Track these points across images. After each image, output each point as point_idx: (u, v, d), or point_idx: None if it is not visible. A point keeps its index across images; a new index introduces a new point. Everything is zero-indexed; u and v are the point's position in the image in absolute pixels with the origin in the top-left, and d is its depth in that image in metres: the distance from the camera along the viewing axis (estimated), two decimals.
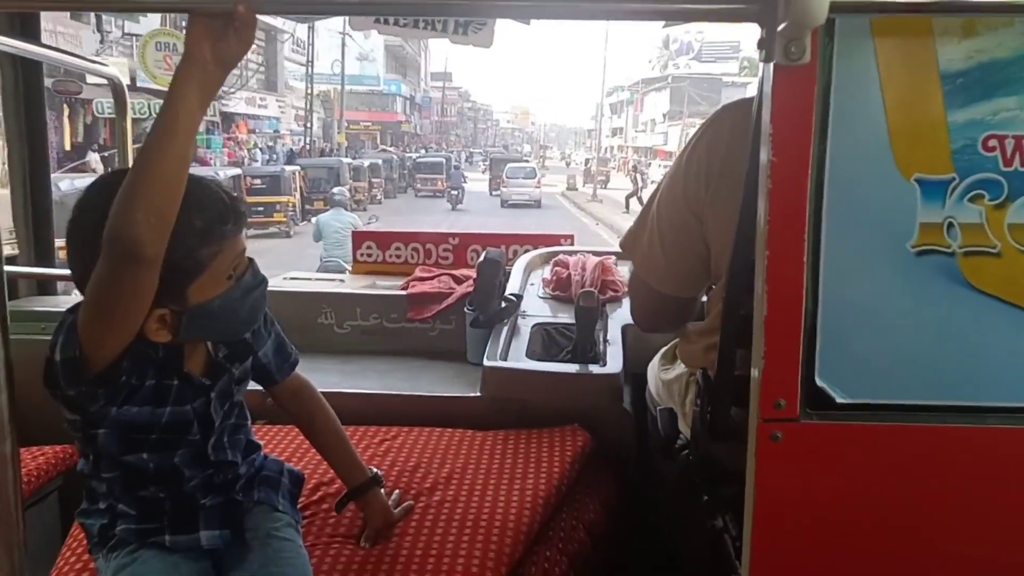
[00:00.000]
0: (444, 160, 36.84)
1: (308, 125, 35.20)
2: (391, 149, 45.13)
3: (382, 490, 1.75)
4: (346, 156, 33.48)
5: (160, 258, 1.19)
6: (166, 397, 1.38)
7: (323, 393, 1.72)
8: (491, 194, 34.44)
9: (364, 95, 53.67)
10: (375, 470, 1.74)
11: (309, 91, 34.52)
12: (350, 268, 3.78)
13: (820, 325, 1.13)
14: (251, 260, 1.42)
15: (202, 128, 15.62)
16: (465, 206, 29.57)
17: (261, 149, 31.23)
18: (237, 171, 19.73)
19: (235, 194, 1.40)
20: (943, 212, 1.11)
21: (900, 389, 1.16)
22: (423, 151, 54.03)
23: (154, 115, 1.23)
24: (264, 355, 1.59)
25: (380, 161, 32.61)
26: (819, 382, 1.14)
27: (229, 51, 1.15)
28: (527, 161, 41.12)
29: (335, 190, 12.22)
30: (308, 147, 33.69)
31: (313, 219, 12.27)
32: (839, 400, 1.15)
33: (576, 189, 41.99)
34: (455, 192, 29.69)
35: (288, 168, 22.43)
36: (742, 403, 1.21)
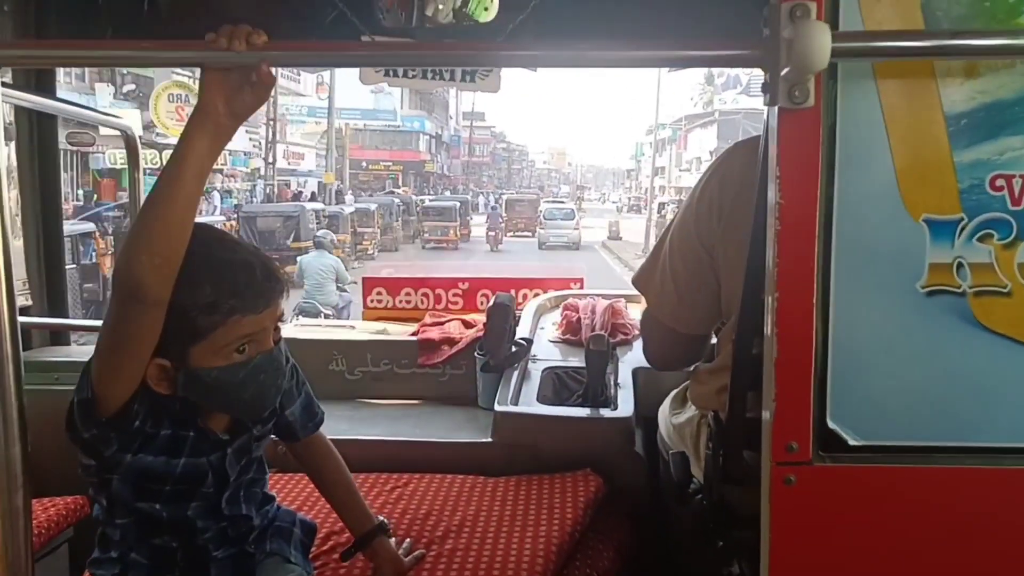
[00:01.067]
0: (457, 205, 30.20)
1: (270, 160, 28.85)
2: (401, 191, 41.04)
3: (392, 539, 1.73)
4: (351, 198, 31.02)
5: (164, 301, 1.20)
6: (181, 448, 1.37)
7: (334, 440, 1.71)
8: (491, 249, 28.86)
9: (385, 132, 51.42)
10: (381, 519, 1.71)
11: (271, 119, 28.18)
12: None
13: (831, 366, 1.12)
14: (275, 345, 1.37)
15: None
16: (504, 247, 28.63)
17: (221, 192, 26.04)
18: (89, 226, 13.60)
19: (274, 273, 1.36)
20: (952, 252, 1.11)
21: (914, 430, 1.14)
22: (447, 192, 52.26)
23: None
24: (291, 413, 1.58)
25: (374, 206, 26.21)
26: (831, 424, 1.13)
27: (243, 104, 1.17)
28: (563, 202, 39.26)
29: (319, 232, 12.38)
30: (274, 189, 28.48)
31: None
32: (852, 442, 1.14)
33: (620, 238, 33.73)
34: (492, 233, 29.32)
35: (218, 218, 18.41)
36: (754, 446, 1.20)
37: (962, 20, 1.10)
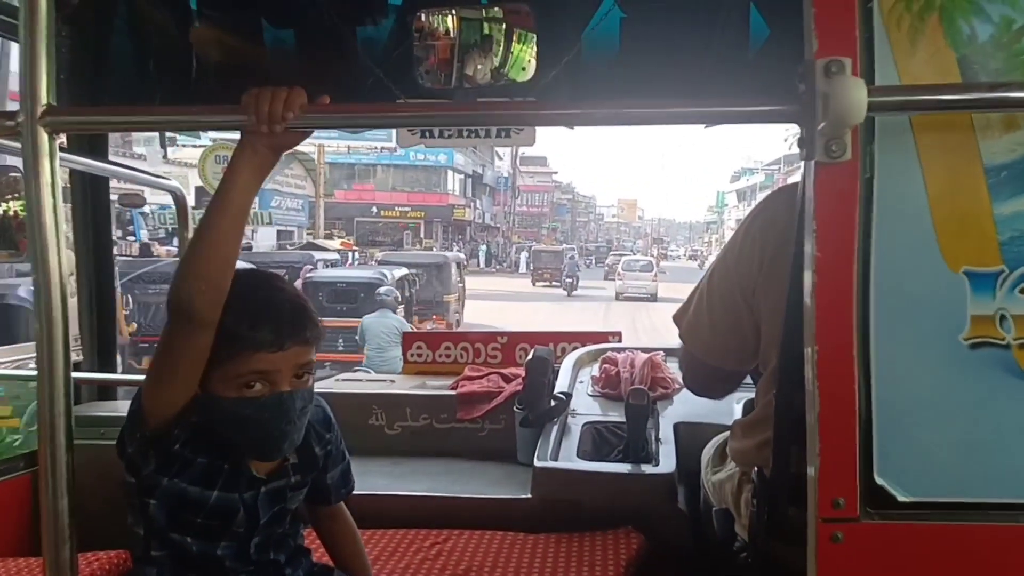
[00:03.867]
0: (444, 261, 18.36)
1: None
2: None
3: None
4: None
5: (212, 324, 1.28)
6: (215, 479, 1.40)
7: (373, 495, 1.72)
8: (568, 294, 30.43)
9: (402, 169, 41.48)
10: None
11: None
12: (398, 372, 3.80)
13: (876, 420, 1.11)
14: (289, 391, 1.37)
15: None
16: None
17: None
18: None
19: (304, 320, 1.39)
20: (994, 304, 1.09)
21: (965, 486, 1.12)
22: (483, 247, 46.79)
23: None
24: (331, 476, 1.60)
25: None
26: (878, 479, 1.11)
27: (285, 139, 1.25)
28: (641, 255, 42.22)
29: (381, 289, 10.86)
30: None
31: None
32: (901, 498, 1.11)
33: None
34: (570, 280, 32.23)
35: None
36: (799, 502, 1.18)
37: (999, 73, 1.10)
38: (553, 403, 2.66)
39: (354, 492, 1.69)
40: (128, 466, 1.41)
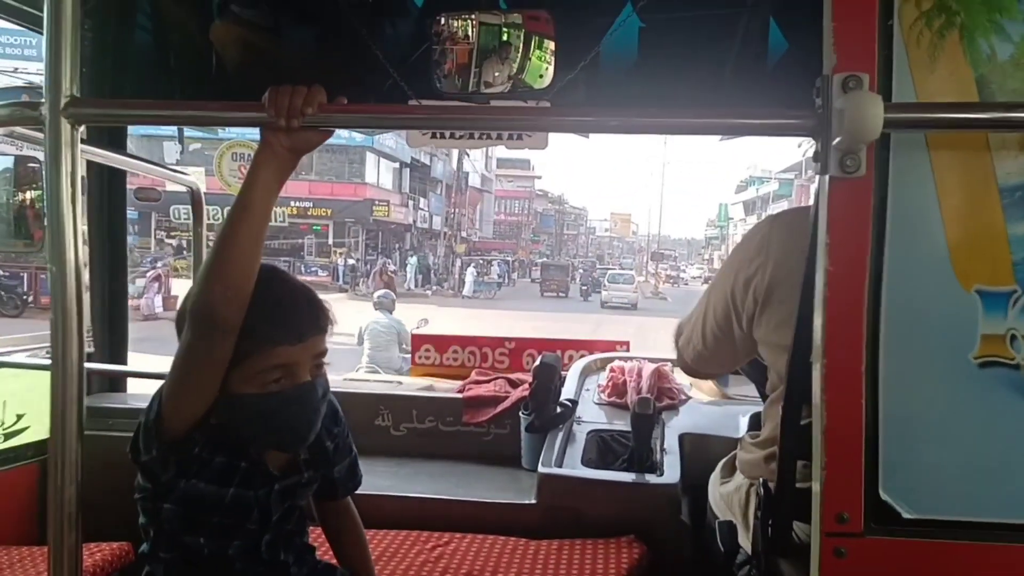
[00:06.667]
0: None
1: None
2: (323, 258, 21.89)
3: None
4: None
5: (236, 329, 1.26)
6: (232, 477, 1.40)
7: (377, 496, 1.72)
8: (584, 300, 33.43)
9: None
10: None
11: None
12: (401, 371, 3.83)
13: (882, 436, 1.10)
14: (310, 380, 1.39)
15: None
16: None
17: None
18: None
19: (317, 310, 1.40)
20: (1006, 323, 1.09)
21: (971, 505, 1.11)
22: (412, 260, 32.94)
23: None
24: (339, 470, 1.60)
25: None
26: (883, 495, 1.11)
27: (305, 141, 1.25)
28: (626, 270, 44.43)
29: (379, 293, 11.59)
30: None
31: None
32: (906, 515, 1.11)
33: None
34: (585, 287, 35.77)
35: None
36: (804, 517, 1.18)
37: (1017, 93, 1.10)
38: (559, 410, 2.66)
39: (358, 493, 1.70)
40: (145, 473, 1.39)
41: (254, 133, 1.29)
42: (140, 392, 2.91)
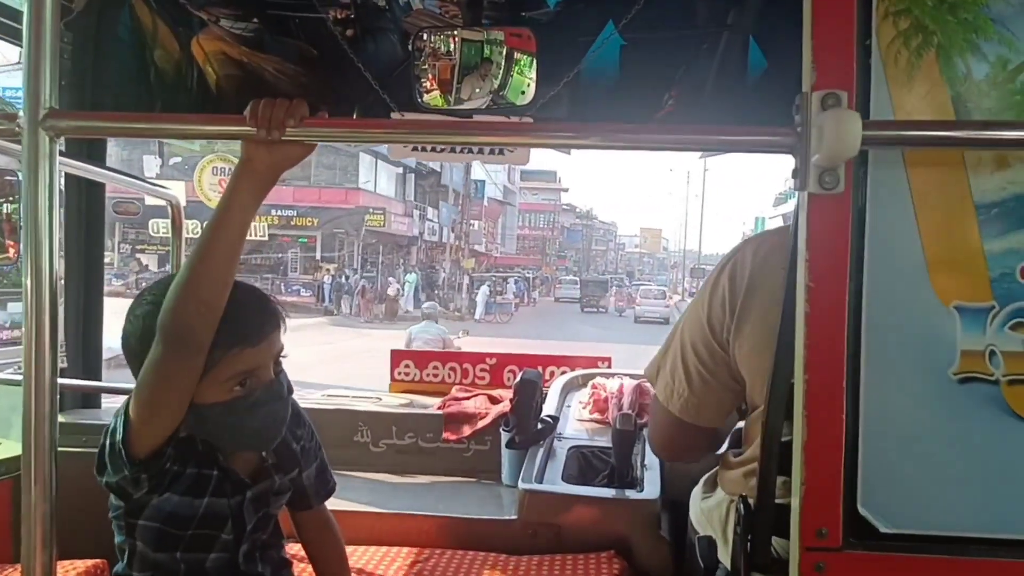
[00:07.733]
0: None
1: None
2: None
3: None
4: None
5: (207, 346, 1.26)
6: (205, 487, 1.39)
7: (356, 512, 1.71)
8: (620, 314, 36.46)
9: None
10: None
11: None
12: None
13: (862, 452, 1.11)
14: (274, 378, 1.41)
15: None
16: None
17: None
18: None
19: (269, 307, 1.41)
20: (984, 339, 1.10)
21: (948, 520, 1.12)
22: (410, 277, 29.84)
23: None
24: (307, 476, 1.59)
25: None
26: (862, 511, 1.11)
27: (285, 157, 1.25)
28: (658, 286, 47.01)
29: (425, 305, 12.56)
30: None
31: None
32: (883, 530, 1.11)
33: None
34: (621, 303, 39.62)
35: None
36: (783, 533, 1.18)
37: (992, 112, 1.12)
38: (540, 426, 2.66)
39: (337, 509, 1.68)
40: (116, 492, 1.37)
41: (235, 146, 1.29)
42: (115, 408, 2.87)
